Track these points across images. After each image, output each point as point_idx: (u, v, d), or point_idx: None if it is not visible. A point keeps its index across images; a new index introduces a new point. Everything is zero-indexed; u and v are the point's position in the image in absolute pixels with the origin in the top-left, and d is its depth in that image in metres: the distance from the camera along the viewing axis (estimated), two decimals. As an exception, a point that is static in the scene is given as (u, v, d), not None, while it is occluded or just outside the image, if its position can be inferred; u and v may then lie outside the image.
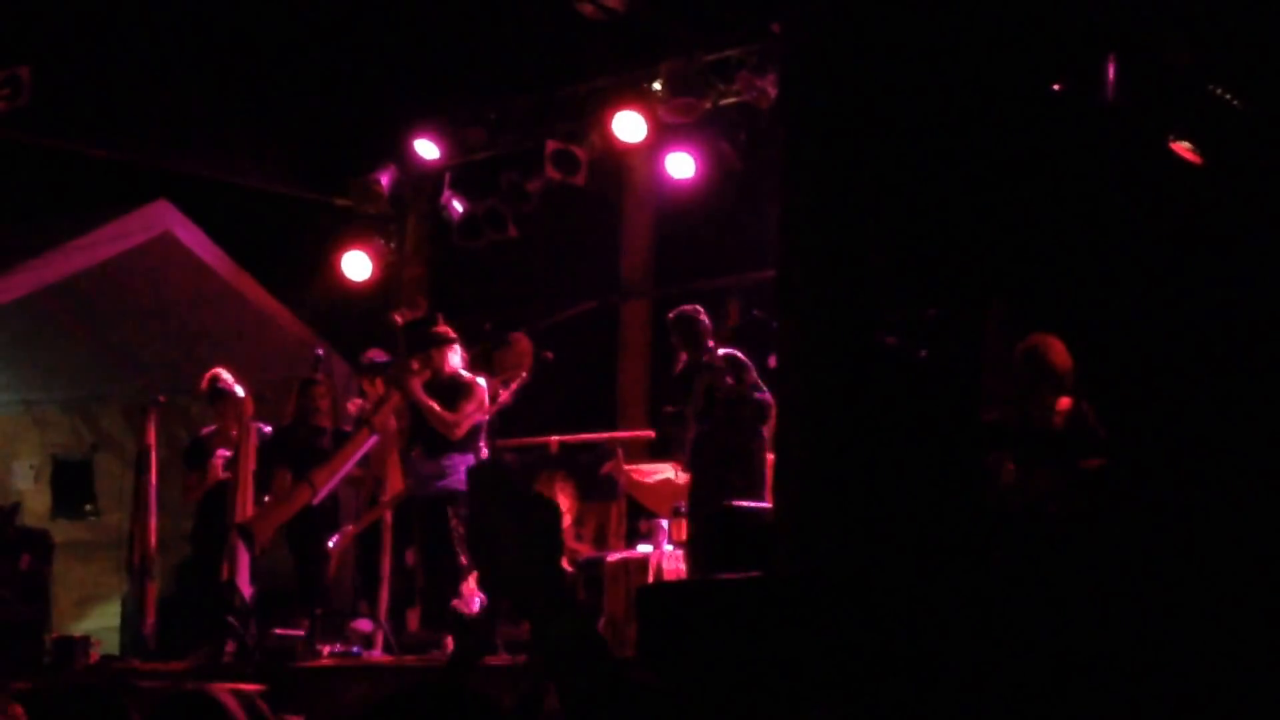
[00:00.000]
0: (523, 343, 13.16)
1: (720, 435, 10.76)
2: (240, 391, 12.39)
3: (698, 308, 11.28)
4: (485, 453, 11.52)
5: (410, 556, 12.32)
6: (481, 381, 11.47)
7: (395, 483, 12.31)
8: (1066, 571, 8.63)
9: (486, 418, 11.57)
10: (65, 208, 14.32)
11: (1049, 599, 7.47)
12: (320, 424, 12.31)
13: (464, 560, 11.08)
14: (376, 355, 12.71)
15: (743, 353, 11.01)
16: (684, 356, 11.26)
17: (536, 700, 5.17)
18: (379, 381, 12.46)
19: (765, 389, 10.65)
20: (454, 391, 11.38)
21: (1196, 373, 11.09)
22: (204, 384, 12.54)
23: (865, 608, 6.82)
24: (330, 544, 12.01)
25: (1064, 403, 9.32)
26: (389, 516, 12.37)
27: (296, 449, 12.15)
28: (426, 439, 11.37)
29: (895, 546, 7.13)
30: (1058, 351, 9.41)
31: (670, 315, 11.41)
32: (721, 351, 10.97)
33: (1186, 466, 10.37)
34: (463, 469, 11.22)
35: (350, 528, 12.40)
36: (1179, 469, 10.16)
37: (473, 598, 11.19)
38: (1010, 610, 7.06)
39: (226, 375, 12.51)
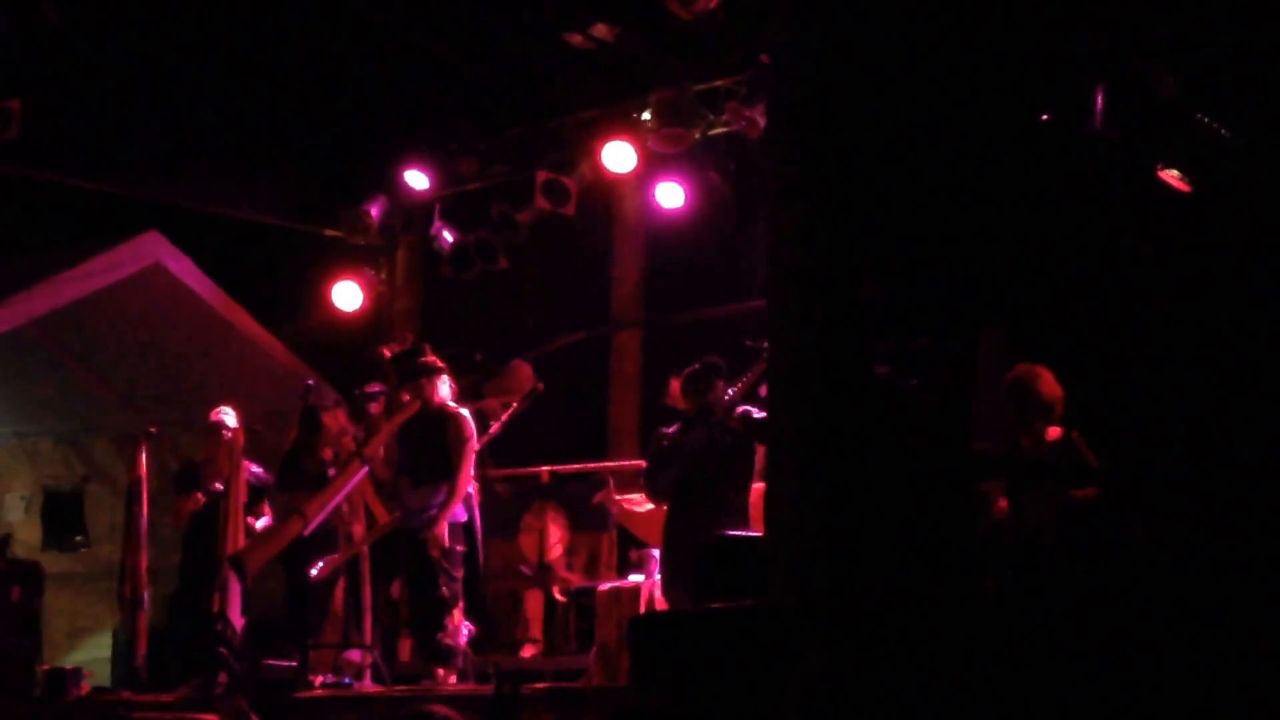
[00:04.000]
0: (523, 369, 13.16)
1: (708, 488, 10.59)
2: (230, 424, 12.42)
3: (718, 363, 10.86)
4: (472, 484, 11.50)
5: (396, 588, 12.32)
6: (466, 413, 11.45)
7: (379, 514, 12.32)
8: (1058, 601, 8.64)
9: (478, 447, 11.56)
10: (55, 240, 14.32)
11: (1041, 629, 7.48)
12: (324, 453, 12.33)
13: (446, 593, 11.06)
14: (373, 387, 12.71)
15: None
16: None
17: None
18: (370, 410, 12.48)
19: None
20: (440, 423, 11.35)
21: (1188, 400, 11.13)
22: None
23: (857, 638, 6.82)
24: (313, 573, 11.96)
25: (1053, 432, 9.34)
26: (367, 549, 12.35)
27: (308, 476, 12.16)
28: (413, 471, 11.35)
29: (887, 576, 7.13)
30: (1046, 381, 9.42)
31: (691, 370, 11.08)
32: (739, 410, 10.79)
33: (1179, 494, 10.39)
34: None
35: (335, 557, 12.34)
36: (1172, 496, 10.19)
37: (458, 630, 11.18)
38: (1003, 640, 7.07)
39: (227, 410, 12.53)
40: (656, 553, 11.43)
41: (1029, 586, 8.77)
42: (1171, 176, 10.79)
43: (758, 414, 10.37)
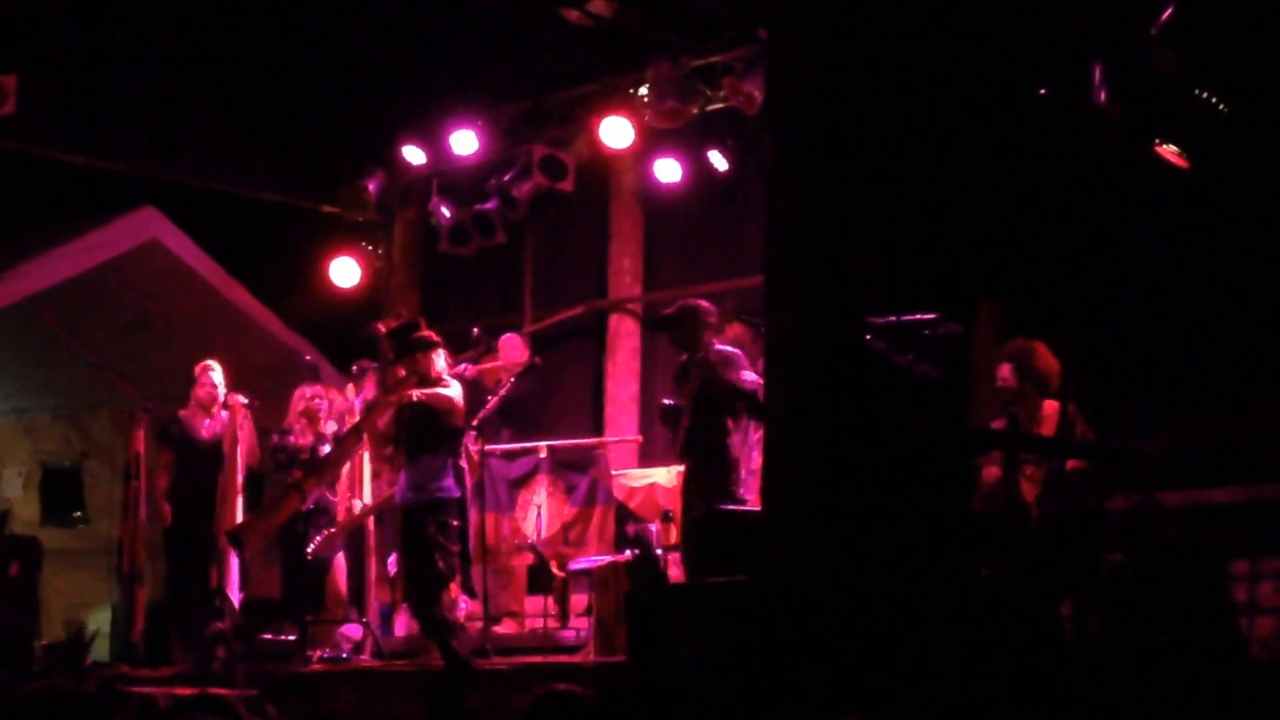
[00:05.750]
0: (513, 342, 13.13)
1: (701, 432, 10.61)
2: (217, 378, 12.53)
3: (699, 303, 10.95)
4: (464, 461, 11.49)
5: (391, 564, 12.33)
6: (458, 386, 11.43)
7: (379, 489, 12.34)
8: (1052, 573, 8.66)
9: (476, 422, 11.56)
10: (52, 215, 14.31)
11: (1035, 602, 7.50)
12: (322, 430, 12.36)
13: (442, 567, 11.06)
14: (367, 363, 12.73)
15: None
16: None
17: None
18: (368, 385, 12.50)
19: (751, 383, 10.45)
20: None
21: (1184, 374, 11.14)
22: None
23: (852, 611, 6.83)
24: (308, 551, 11.97)
25: (1050, 406, 9.35)
26: (371, 522, 12.37)
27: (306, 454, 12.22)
28: (409, 446, 11.34)
29: (882, 550, 7.15)
30: (1042, 356, 9.43)
31: (670, 310, 11.07)
32: (717, 347, 10.77)
33: (1174, 468, 10.41)
34: (442, 476, 11.18)
35: (330, 534, 12.35)
36: (1167, 470, 10.20)
37: (454, 604, 11.20)
38: (996, 613, 7.09)
39: (214, 365, 12.65)
40: (653, 527, 11.46)
41: (1022, 559, 8.80)
42: (1170, 152, 10.78)
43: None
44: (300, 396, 12.57)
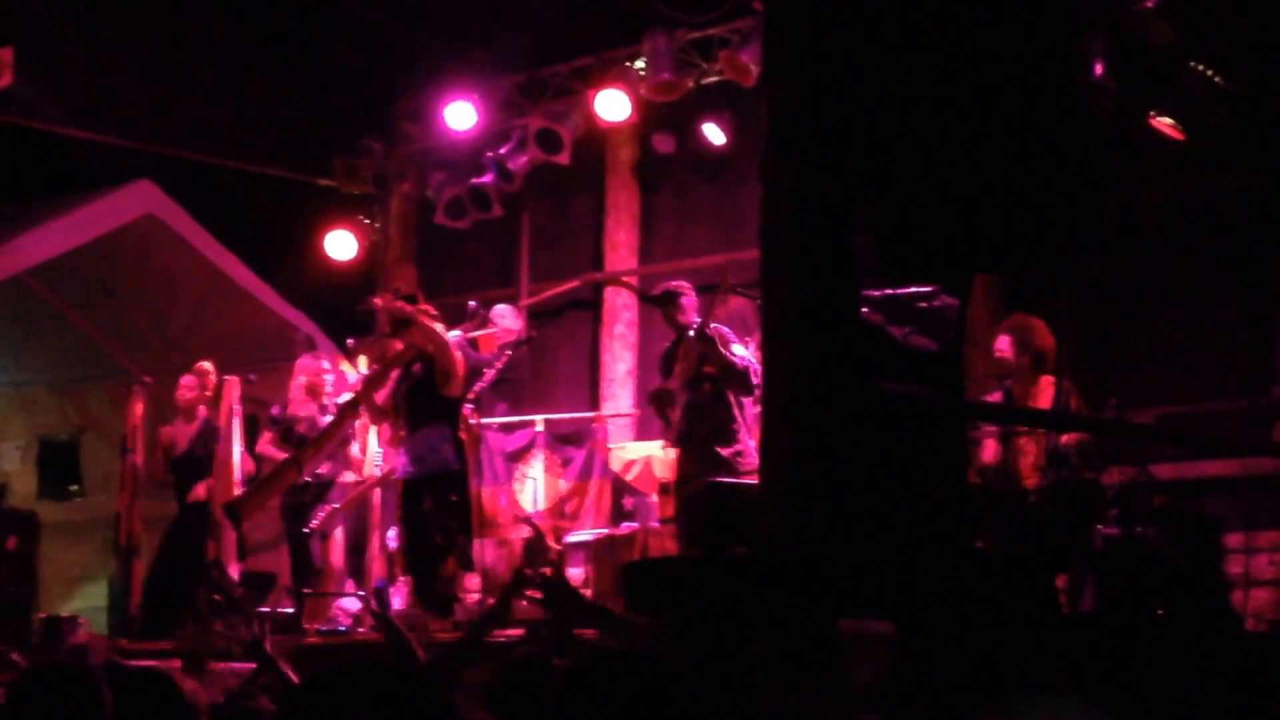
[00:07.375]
0: (506, 310, 13.13)
1: (709, 408, 10.67)
2: (200, 385, 12.55)
3: (681, 284, 11.15)
4: (464, 434, 11.51)
5: (393, 538, 12.35)
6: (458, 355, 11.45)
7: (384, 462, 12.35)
8: (1047, 545, 8.68)
9: (473, 395, 11.58)
10: (48, 189, 14.29)
11: (1031, 574, 7.52)
12: (320, 404, 12.37)
13: (441, 540, 11.08)
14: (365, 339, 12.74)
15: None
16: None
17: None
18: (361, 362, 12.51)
19: (746, 360, 10.52)
20: (431, 368, 11.36)
21: (1177, 347, 11.15)
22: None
23: (849, 583, 6.85)
24: (313, 524, 11.99)
25: (1046, 380, 9.37)
26: (376, 495, 12.39)
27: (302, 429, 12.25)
28: (410, 418, 11.35)
29: (878, 523, 7.16)
30: (1038, 331, 9.45)
31: (655, 292, 11.24)
32: (713, 325, 10.81)
33: (1168, 441, 10.42)
34: (442, 449, 11.20)
35: (332, 506, 12.37)
36: (1161, 443, 10.22)
37: (453, 577, 11.22)
38: (991, 585, 7.10)
39: (202, 369, 12.70)
40: (652, 499, 11.47)
41: (1019, 536, 8.82)
42: (1165, 125, 10.79)
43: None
44: (303, 369, 12.53)
